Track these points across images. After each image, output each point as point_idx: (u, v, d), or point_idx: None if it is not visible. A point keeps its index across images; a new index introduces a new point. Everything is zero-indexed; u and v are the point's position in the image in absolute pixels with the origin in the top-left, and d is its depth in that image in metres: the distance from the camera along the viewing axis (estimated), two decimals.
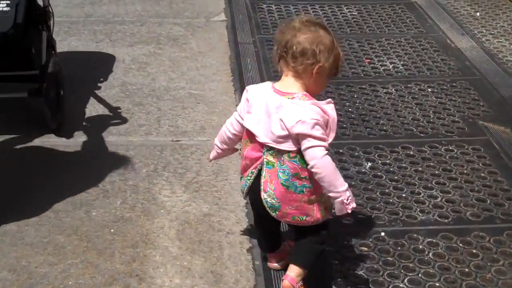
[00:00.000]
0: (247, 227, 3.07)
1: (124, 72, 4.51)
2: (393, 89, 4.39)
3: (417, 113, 4.13)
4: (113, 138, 3.74)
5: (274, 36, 2.50)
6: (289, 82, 2.43)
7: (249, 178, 2.54)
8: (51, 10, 3.81)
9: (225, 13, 5.55)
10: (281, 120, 2.37)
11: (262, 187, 2.49)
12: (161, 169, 3.47)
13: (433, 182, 3.48)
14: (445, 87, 4.46)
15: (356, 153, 3.69)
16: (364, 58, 4.87)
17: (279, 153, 2.42)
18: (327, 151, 2.38)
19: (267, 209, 2.50)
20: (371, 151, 3.72)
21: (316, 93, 2.49)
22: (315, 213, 2.49)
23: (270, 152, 2.45)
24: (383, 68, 4.73)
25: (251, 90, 2.52)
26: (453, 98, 4.32)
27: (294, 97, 2.39)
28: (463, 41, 5.15)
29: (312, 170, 2.38)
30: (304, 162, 2.40)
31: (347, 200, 2.40)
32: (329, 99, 2.44)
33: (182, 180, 3.39)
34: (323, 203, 2.50)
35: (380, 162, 3.63)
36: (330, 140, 2.42)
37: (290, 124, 2.35)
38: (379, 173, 3.53)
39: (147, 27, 5.24)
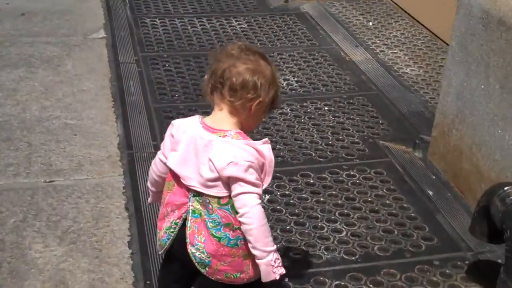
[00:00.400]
0: (133, 283, 2.69)
1: None
2: (288, 109, 4.11)
3: (314, 135, 3.86)
4: None
5: (208, 63, 2.21)
6: (222, 117, 2.14)
7: (172, 229, 2.19)
8: None
9: (105, 29, 5.12)
10: (210, 160, 2.07)
11: (188, 240, 2.15)
12: (31, 218, 3.03)
13: (337, 214, 3.21)
14: (342, 105, 4.23)
15: None
16: None
17: (207, 199, 2.11)
18: (260, 200, 2.09)
19: (196, 265, 2.15)
20: None
21: (250, 130, 2.23)
22: (250, 270, 2.17)
23: (197, 198, 2.13)
24: None
25: (177, 125, 2.19)
26: (351, 117, 4.09)
27: (226, 135, 2.10)
28: (358, 54, 4.95)
29: (241, 219, 2.08)
30: (233, 210, 2.11)
31: (275, 262, 2.11)
32: (266, 139, 2.14)
33: (57, 230, 2.97)
34: None
35: (278, 193, 3.33)
36: (265, 185, 2.13)
37: (221, 166, 2.06)
38: (278, 207, 3.23)
39: (17, 48, 4.73)
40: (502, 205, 2.45)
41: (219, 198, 2.09)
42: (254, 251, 2.09)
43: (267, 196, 3.29)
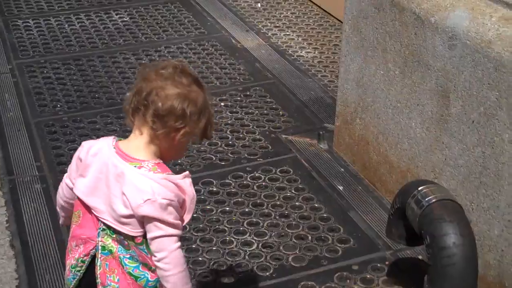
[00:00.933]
0: None
1: None
2: None
3: (213, 136, 3.60)
4: None
5: (135, 81, 1.92)
6: (140, 144, 1.84)
7: (78, 268, 1.92)
8: None
9: None
10: (124, 194, 1.80)
11: (99, 281, 1.87)
12: None
13: (245, 224, 2.99)
14: (238, 98, 3.99)
15: None
16: None
17: (121, 236, 1.84)
18: (179, 243, 1.83)
19: None
20: None
21: (170, 161, 1.95)
22: None
23: (107, 232, 1.86)
24: None
25: (86, 147, 1.90)
26: (250, 111, 3.86)
27: (142, 166, 1.82)
28: (249, 39, 4.71)
29: (158, 264, 1.82)
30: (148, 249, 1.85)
31: None
32: (187, 172, 1.86)
33: None
34: None
35: None
36: (185, 222, 1.86)
37: (136, 203, 1.78)
38: None
39: None
40: (418, 208, 2.29)
41: (133, 237, 1.83)
42: None
43: None
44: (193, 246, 2.85)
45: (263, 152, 3.49)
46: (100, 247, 1.86)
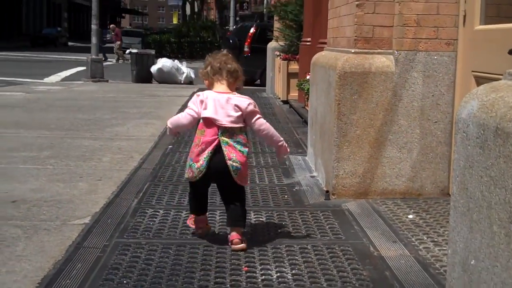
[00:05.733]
0: None
1: None
2: None
3: None
4: None
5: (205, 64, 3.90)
6: (224, 88, 3.80)
7: (208, 157, 3.65)
8: None
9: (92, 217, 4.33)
10: (236, 105, 3.69)
11: (226, 157, 3.64)
12: None
13: None
14: None
15: None
16: (243, 265, 3.51)
17: (232, 131, 3.67)
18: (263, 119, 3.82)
19: (232, 172, 3.65)
20: None
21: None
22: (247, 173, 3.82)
23: (224, 133, 3.66)
24: (262, 278, 3.34)
25: (201, 95, 3.76)
26: None
27: (234, 93, 3.78)
28: (391, 249, 3.79)
29: (262, 129, 3.78)
30: (246, 134, 3.78)
31: (286, 144, 3.92)
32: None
33: None
34: None
35: None
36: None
37: (245, 106, 3.70)
38: None
39: None
40: None
41: (240, 128, 3.70)
42: (276, 140, 3.86)
43: None
44: None
45: None
46: (222, 142, 3.64)
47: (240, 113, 3.65)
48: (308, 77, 8.29)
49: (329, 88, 4.97)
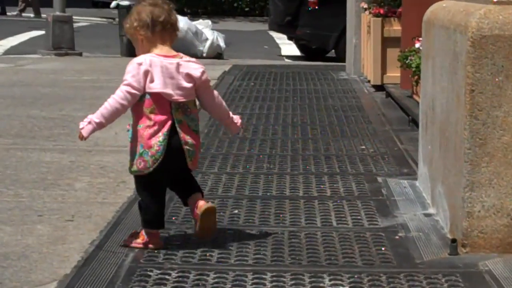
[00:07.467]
0: None
1: None
2: None
3: None
4: None
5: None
6: (167, 49, 3.24)
7: (165, 141, 3.13)
8: None
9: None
10: (187, 75, 3.18)
11: (182, 142, 3.16)
12: None
13: None
14: None
15: None
16: None
17: (185, 106, 3.19)
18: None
19: (187, 159, 3.17)
20: None
21: None
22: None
23: (177, 110, 3.17)
24: None
25: (144, 63, 3.15)
26: None
27: (182, 57, 3.25)
28: None
29: (218, 101, 3.33)
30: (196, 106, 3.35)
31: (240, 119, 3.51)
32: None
33: None
34: None
35: None
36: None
37: (198, 75, 3.20)
38: None
39: None
40: None
41: (193, 101, 3.24)
42: (228, 112, 3.42)
43: None
44: None
45: None
46: (176, 121, 3.16)
47: (192, 84, 3.21)
48: (418, 45, 6.30)
49: (455, 64, 3.48)
